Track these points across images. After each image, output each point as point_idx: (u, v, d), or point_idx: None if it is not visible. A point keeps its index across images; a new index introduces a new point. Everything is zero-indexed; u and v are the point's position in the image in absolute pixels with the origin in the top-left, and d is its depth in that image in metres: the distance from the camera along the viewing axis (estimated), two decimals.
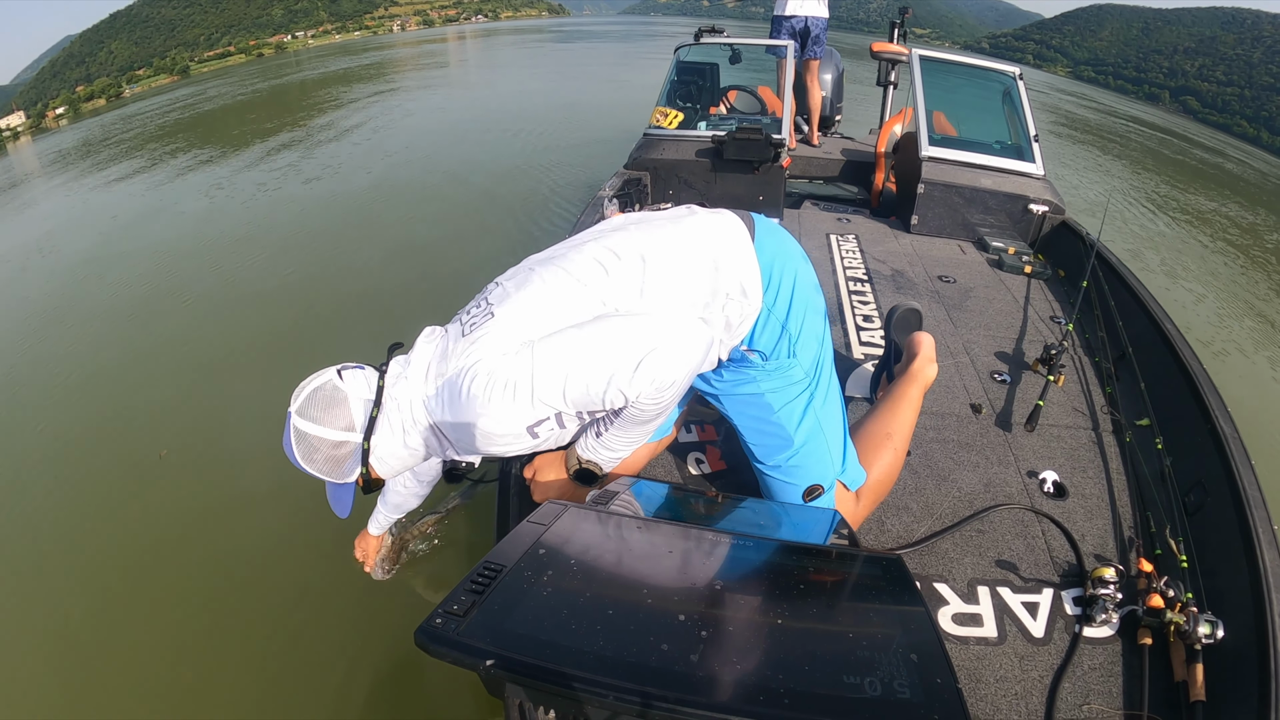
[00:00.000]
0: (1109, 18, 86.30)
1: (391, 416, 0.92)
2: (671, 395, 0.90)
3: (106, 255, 4.29)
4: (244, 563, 1.71)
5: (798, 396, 1.05)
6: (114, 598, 1.66)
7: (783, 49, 3.17)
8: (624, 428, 0.97)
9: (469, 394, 0.86)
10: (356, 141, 7.19)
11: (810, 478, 1.05)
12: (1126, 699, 0.92)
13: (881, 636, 0.64)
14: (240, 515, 1.88)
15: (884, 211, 2.88)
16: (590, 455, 1.04)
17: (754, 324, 1.01)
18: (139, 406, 2.47)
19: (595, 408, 0.90)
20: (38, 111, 43.25)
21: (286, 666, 1.44)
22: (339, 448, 0.90)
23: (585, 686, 0.54)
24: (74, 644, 1.54)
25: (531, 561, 0.70)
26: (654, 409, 0.91)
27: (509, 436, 0.89)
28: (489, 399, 0.85)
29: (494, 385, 0.85)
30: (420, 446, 0.95)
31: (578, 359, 0.86)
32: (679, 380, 0.89)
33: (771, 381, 1.03)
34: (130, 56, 71.54)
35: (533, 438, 0.92)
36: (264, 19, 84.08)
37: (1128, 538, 1.19)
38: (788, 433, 1.04)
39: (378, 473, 0.94)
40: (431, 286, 3.30)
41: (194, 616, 1.58)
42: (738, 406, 1.07)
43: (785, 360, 1.03)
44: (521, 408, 0.86)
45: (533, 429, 0.90)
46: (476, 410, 0.86)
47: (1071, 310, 1.86)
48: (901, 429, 1.21)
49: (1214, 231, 5.71)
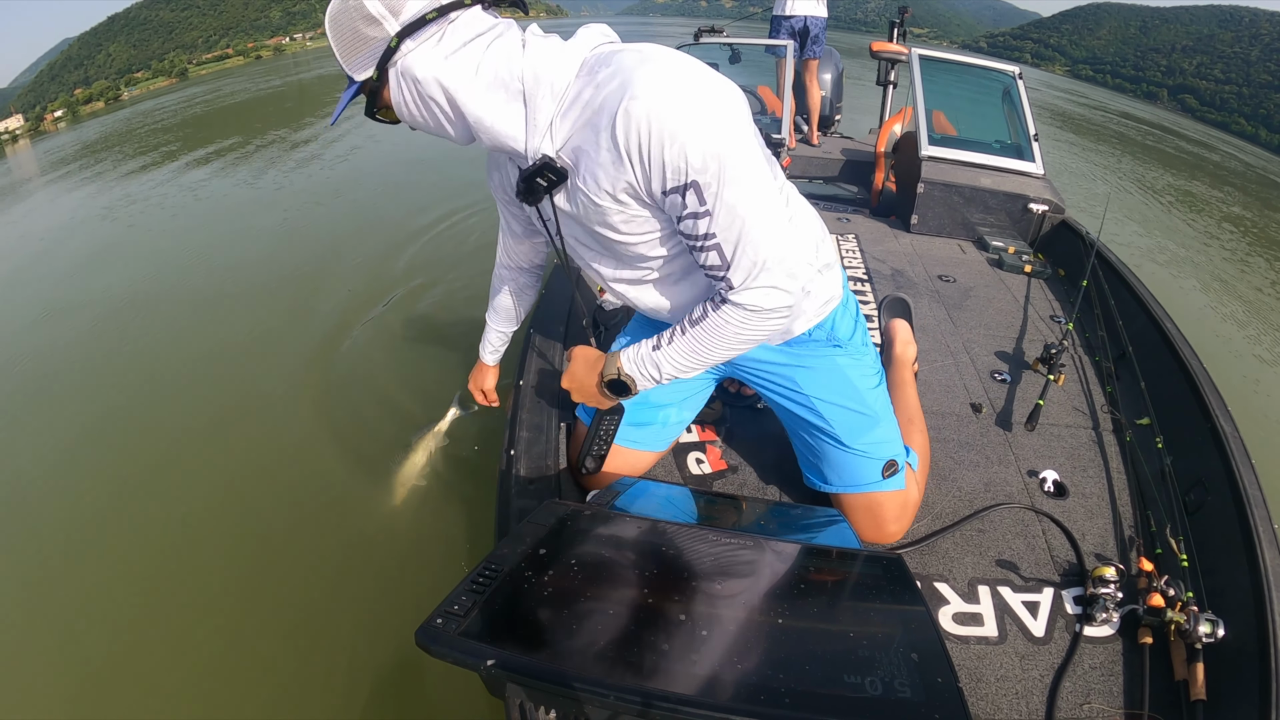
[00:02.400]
0: (1107, 16, 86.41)
1: (473, 45, 0.75)
2: (766, 324, 0.83)
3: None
4: (244, 563, 1.71)
5: (876, 378, 1.11)
6: (112, 596, 1.66)
7: (782, 49, 3.18)
8: (691, 345, 0.86)
9: (631, 68, 0.72)
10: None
11: (889, 453, 1.09)
12: (1127, 698, 0.92)
13: (882, 636, 0.64)
14: (239, 515, 1.88)
15: (884, 211, 2.88)
16: (634, 368, 0.91)
17: (834, 311, 1.06)
18: (138, 405, 2.48)
19: (702, 239, 0.78)
20: (36, 114, 43.26)
21: (286, 667, 1.44)
22: (369, 23, 0.73)
23: (586, 686, 0.54)
24: (75, 643, 1.54)
25: (532, 562, 0.70)
26: (738, 333, 0.83)
27: (623, 174, 0.75)
28: (655, 85, 0.70)
29: (674, 78, 0.71)
30: (479, 94, 0.76)
31: (760, 198, 0.77)
32: (787, 301, 0.81)
33: (853, 361, 1.08)
34: (128, 59, 71.60)
35: (619, 204, 0.79)
36: (262, 21, 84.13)
37: (1128, 537, 1.19)
38: (874, 411, 1.09)
39: (391, 93, 0.77)
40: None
41: (193, 616, 1.58)
42: (821, 383, 1.07)
43: (861, 347, 1.10)
44: (688, 121, 0.70)
45: (638, 190, 0.77)
46: (633, 85, 0.70)
47: (1071, 309, 1.86)
48: (914, 410, 1.31)
49: (1213, 228, 5.71)
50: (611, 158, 0.75)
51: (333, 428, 2.19)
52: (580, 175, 0.80)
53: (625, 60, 0.74)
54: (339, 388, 2.42)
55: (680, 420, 1.22)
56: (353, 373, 2.51)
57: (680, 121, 0.71)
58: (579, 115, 0.77)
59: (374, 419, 2.20)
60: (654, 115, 0.70)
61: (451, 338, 2.68)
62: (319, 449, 2.10)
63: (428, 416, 2.01)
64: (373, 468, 1.97)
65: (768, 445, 1.35)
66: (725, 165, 0.73)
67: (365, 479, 1.94)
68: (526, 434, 1.20)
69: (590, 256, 0.95)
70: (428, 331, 2.78)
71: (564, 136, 0.78)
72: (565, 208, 0.86)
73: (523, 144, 0.79)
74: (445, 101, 0.76)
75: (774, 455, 1.32)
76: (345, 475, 1.97)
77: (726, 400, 1.46)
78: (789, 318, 0.85)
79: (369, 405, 2.28)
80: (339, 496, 1.90)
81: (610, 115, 0.72)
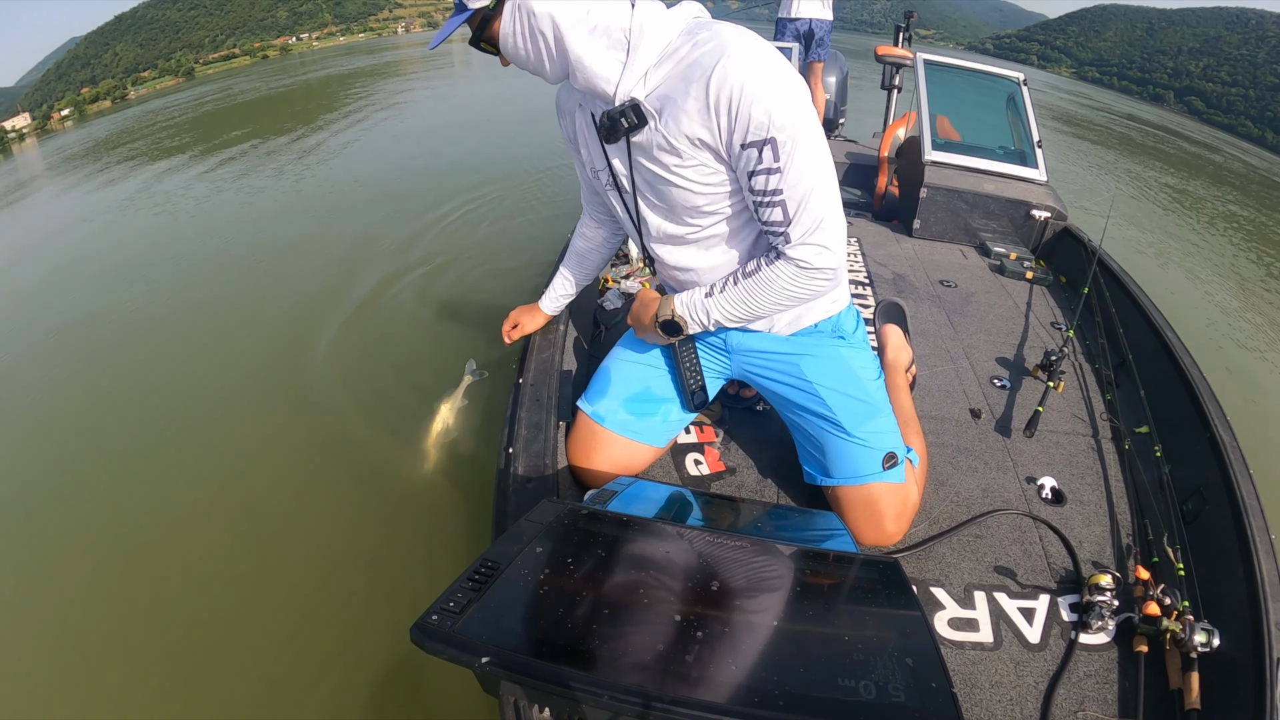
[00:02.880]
0: (1113, 18, 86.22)
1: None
2: (813, 282, 0.94)
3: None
4: (238, 559, 1.72)
5: (876, 373, 1.16)
6: (109, 592, 1.66)
7: (786, 51, 3.18)
8: (741, 295, 0.98)
9: (730, 37, 0.83)
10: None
11: (890, 444, 1.11)
12: (1122, 706, 0.92)
13: (877, 640, 0.64)
14: (236, 516, 1.88)
15: (886, 215, 2.88)
16: (685, 311, 1.04)
17: (841, 312, 1.14)
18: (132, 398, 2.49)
19: (770, 194, 0.88)
20: (43, 113, 43.47)
21: (281, 664, 1.44)
22: None
23: (580, 685, 0.54)
24: (70, 641, 1.54)
25: (528, 559, 0.70)
26: (786, 288, 0.94)
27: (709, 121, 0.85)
28: (744, 57, 0.82)
29: (764, 53, 0.83)
30: (584, 37, 0.86)
31: (825, 166, 0.89)
32: (833, 263, 0.92)
33: (855, 353, 1.14)
34: (135, 58, 71.93)
35: (694, 148, 0.89)
36: (269, 21, 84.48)
37: (1125, 545, 1.19)
38: (875, 400, 1.12)
39: (503, 23, 0.87)
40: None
41: (187, 610, 1.58)
42: (825, 370, 1.12)
43: (862, 343, 1.17)
44: (768, 92, 0.82)
45: (718, 140, 0.87)
46: (724, 53, 0.82)
47: (1072, 317, 1.86)
48: (912, 413, 1.34)
49: (1216, 233, 5.69)
50: (699, 106, 0.85)
51: (326, 422, 2.19)
52: (663, 120, 0.89)
53: (724, 30, 0.86)
54: (336, 383, 2.42)
55: (680, 418, 1.24)
56: (348, 367, 2.51)
57: (768, 86, 0.82)
58: (673, 68, 0.87)
59: (371, 414, 2.21)
60: (748, 76, 0.81)
61: (447, 332, 2.69)
62: (313, 443, 2.11)
63: (425, 411, 2.03)
64: (372, 465, 1.97)
65: (767, 447, 1.35)
66: (800, 131, 0.85)
67: (362, 474, 1.95)
68: (525, 432, 1.21)
69: (646, 206, 1.03)
70: (415, 331, 2.78)
71: (655, 84, 0.89)
72: (639, 154, 0.96)
73: (614, 87, 0.89)
74: (553, 38, 0.86)
75: (773, 458, 1.32)
76: (341, 470, 1.97)
77: (726, 402, 1.46)
78: (832, 282, 0.95)
79: (366, 400, 2.29)
80: (335, 490, 1.90)
81: (706, 70, 0.83)
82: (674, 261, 1.08)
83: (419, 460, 1.94)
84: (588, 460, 1.20)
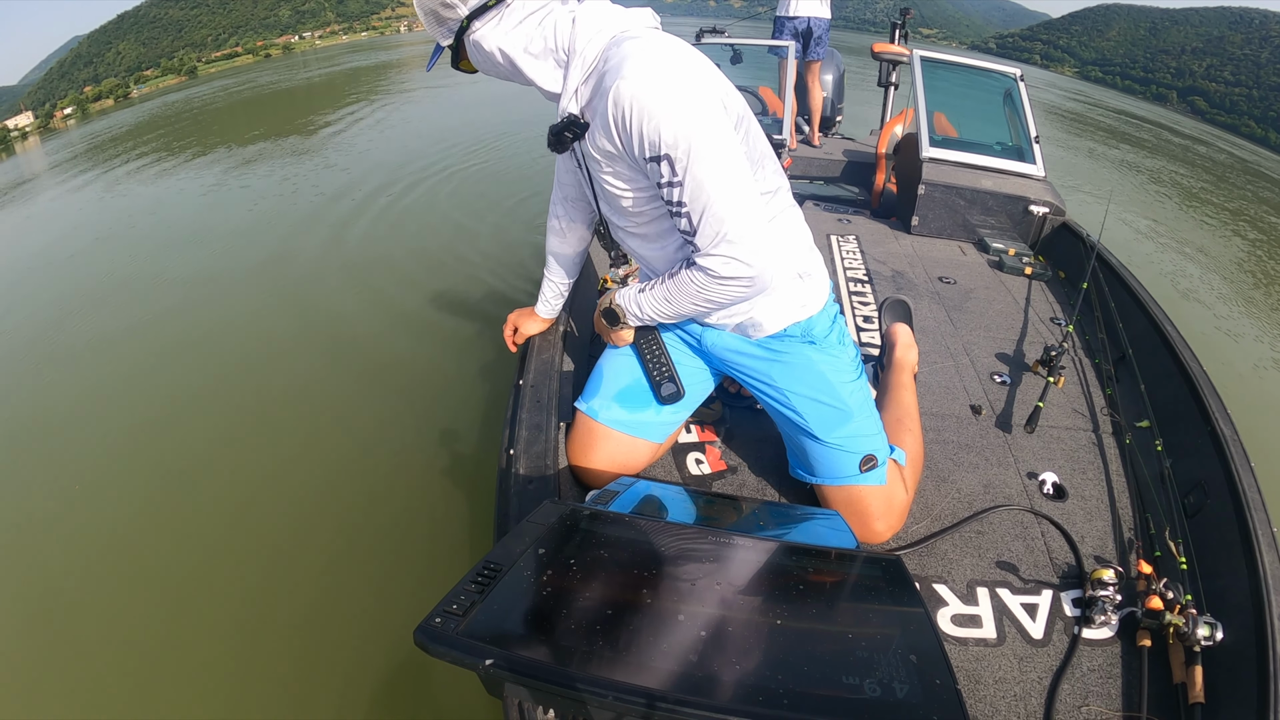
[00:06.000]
0: (1116, 18, 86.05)
1: (527, 22, 0.92)
2: (723, 289, 0.95)
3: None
4: (245, 563, 1.72)
5: (851, 373, 1.14)
6: (111, 594, 1.67)
7: (784, 49, 3.17)
8: (665, 295, 1.03)
9: (629, 54, 0.87)
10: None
11: (866, 448, 1.10)
12: (1125, 701, 0.92)
13: (881, 637, 0.64)
14: (242, 516, 1.89)
15: (884, 212, 2.88)
16: (622, 301, 1.11)
17: (811, 317, 1.11)
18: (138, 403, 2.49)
19: (676, 205, 0.91)
20: (45, 112, 43.45)
21: (285, 666, 1.45)
22: (446, 8, 0.93)
23: (584, 686, 0.54)
24: (79, 645, 1.55)
25: (530, 561, 0.70)
26: (698, 292, 0.97)
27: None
28: (647, 66, 0.85)
29: (661, 68, 0.86)
30: (531, 62, 0.95)
31: (726, 178, 0.89)
32: (744, 273, 0.93)
33: (826, 357, 1.12)
34: (138, 57, 71.86)
35: (610, 160, 0.95)
36: (271, 20, 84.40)
37: (1127, 539, 1.19)
38: (847, 405, 1.11)
39: (468, 54, 0.98)
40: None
41: (195, 614, 1.59)
42: (795, 377, 1.12)
43: (837, 345, 1.14)
44: (669, 103, 0.85)
45: (625, 153, 0.91)
46: (631, 65, 0.85)
47: (1072, 312, 1.86)
48: (910, 412, 1.32)
49: (1217, 230, 5.69)
50: (603, 123, 0.91)
51: (330, 428, 2.19)
52: (590, 131, 0.96)
53: (629, 47, 0.89)
54: (339, 383, 2.43)
55: (677, 414, 1.24)
56: (349, 370, 2.52)
57: (657, 104, 0.85)
58: (595, 84, 0.93)
59: (375, 416, 2.21)
60: (635, 94, 0.85)
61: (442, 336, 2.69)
62: (320, 449, 2.11)
63: (426, 415, 2.02)
64: (372, 463, 1.98)
65: (767, 446, 1.35)
66: (694, 145, 0.86)
67: (366, 479, 1.95)
68: (526, 433, 1.21)
69: (603, 205, 1.10)
70: (420, 334, 2.79)
71: (585, 99, 0.95)
72: (587, 158, 1.02)
73: (559, 102, 0.97)
74: (507, 65, 0.96)
75: (773, 456, 1.32)
76: (345, 476, 1.98)
77: (726, 400, 1.46)
78: (750, 289, 0.96)
79: (370, 403, 2.29)
80: (339, 496, 1.91)
81: (605, 90, 0.88)
82: (636, 252, 1.14)
83: (422, 463, 1.94)
84: (587, 459, 1.20)
